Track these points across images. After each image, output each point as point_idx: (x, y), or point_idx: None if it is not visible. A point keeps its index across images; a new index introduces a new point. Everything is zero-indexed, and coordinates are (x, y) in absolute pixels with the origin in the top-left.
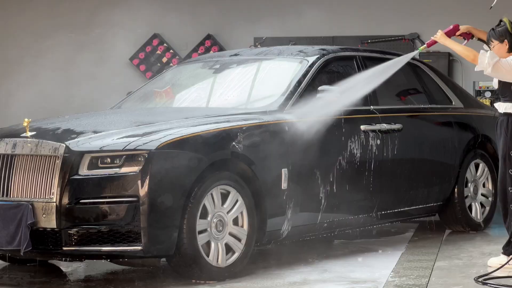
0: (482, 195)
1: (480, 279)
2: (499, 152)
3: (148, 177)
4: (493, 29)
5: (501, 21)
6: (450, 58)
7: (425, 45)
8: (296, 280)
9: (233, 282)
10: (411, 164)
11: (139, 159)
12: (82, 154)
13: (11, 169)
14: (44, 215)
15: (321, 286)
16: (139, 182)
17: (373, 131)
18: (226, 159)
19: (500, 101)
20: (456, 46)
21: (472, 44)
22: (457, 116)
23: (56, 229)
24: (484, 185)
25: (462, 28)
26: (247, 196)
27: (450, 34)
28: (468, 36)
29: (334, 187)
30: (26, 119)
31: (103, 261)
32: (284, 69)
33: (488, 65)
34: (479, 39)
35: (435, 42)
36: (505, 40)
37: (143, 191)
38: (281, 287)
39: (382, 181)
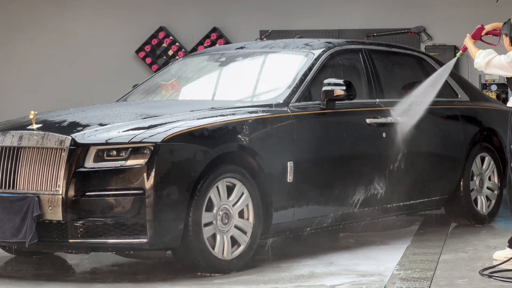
0: (488, 188)
1: (485, 272)
2: (507, 146)
3: (154, 169)
4: (505, 23)
5: None
6: (456, 51)
7: (460, 51)
8: (303, 273)
9: (238, 275)
10: (416, 158)
11: (145, 151)
12: (88, 146)
13: (17, 162)
14: (50, 208)
15: (328, 279)
16: (145, 174)
17: (378, 124)
18: (232, 152)
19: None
20: (471, 48)
21: None
22: (463, 110)
23: (62, 222)
24: (490, 179)
25: (488, 27)
26: (252, 189)
27: (476, 36)
28: (498, 33)
29: (340, 180)
30: (32, 112)
31: (108, 253)
32: (290, 62)
33: (480, 65)
34: None
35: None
36: (508, 34)
37: (148, 183)
38: (288, 280)
39: (387, 174)
